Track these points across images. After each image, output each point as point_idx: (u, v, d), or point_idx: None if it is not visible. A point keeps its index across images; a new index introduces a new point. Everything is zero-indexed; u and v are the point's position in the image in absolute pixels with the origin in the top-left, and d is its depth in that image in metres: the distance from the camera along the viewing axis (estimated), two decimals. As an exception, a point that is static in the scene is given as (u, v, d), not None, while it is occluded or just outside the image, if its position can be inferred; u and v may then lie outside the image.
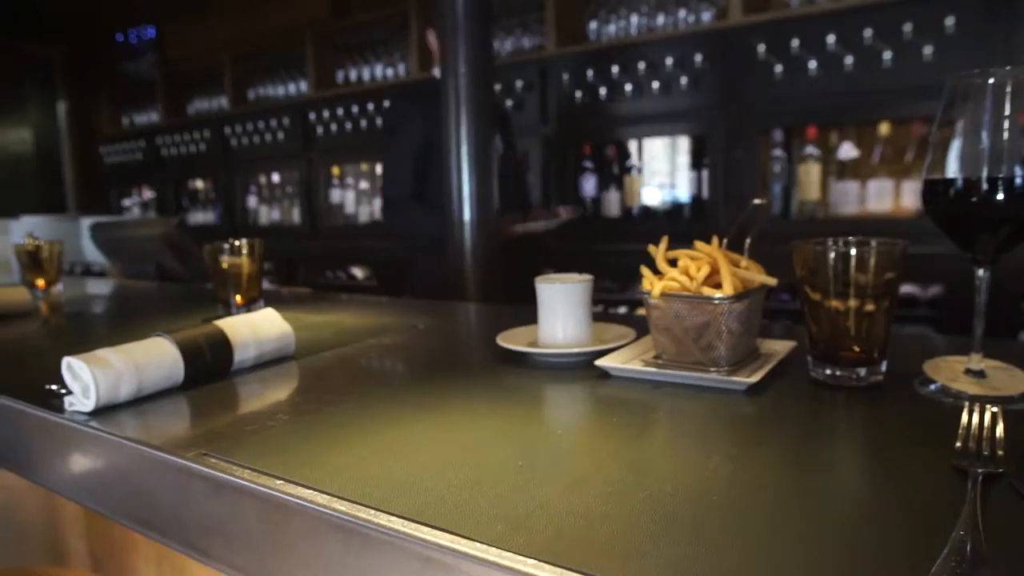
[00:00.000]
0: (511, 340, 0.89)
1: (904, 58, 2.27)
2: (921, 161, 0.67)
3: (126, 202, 5.34)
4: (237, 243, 1.25)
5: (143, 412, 0.73)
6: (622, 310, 2.75)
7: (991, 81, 0.64)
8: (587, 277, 0.87)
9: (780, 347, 0.82)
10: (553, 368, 0.84)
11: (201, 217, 4.78)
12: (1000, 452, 0.53)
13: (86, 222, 2.36)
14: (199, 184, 4.89)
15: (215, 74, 4.56)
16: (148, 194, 5.19)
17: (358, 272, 4.01)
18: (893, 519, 0.45)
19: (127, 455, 0.64)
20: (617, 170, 3.00)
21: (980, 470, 0.49)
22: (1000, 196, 0.63)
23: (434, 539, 0.43)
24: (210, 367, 0.83)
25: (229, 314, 1.16)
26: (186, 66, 4.81)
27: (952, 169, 0.66)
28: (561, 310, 0.86)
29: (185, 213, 4.84)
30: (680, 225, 2.86)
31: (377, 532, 0.46)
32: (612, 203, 2.99)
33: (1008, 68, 0.63)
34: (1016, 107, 0.63)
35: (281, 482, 0.53)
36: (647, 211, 3.04)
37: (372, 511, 0.47)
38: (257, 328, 0.90)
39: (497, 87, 3.14)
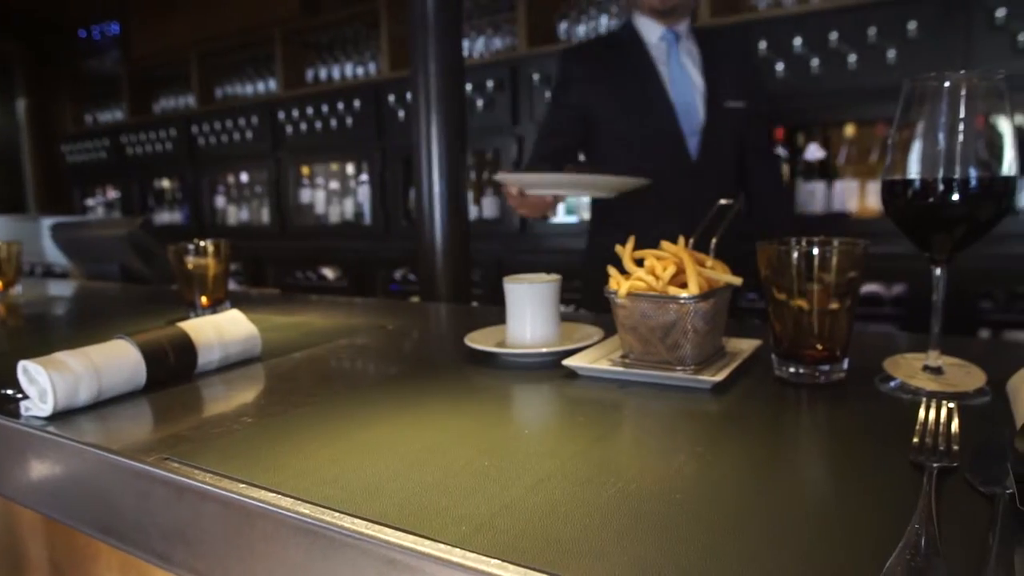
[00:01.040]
0: (479, 340, 0.89)
1: (869, 61, 2.31)
2: (883, 162, 0.68)
3: (90, 202, 5.23)
4: (202, 243, 1.23)
5: (103, 416, 0.71)
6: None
7: (946, 84, 0.65)
8: (555, 277, 0.87)
9: (746, 346, 0.83)
10: (521, 368, 0.84)
11: (168, 217, 4.70)
12: (955, 447, 0.54)
13: (47, 222, 2.31)
14: (165, 184, 4.80)
15: (182, 72, 4.49)
16: (112, 194, 5.09)
17: (328, 273, 3.98)
18: (852, 514, 0.45)
19: (86, 460, 0.63)
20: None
21: (935, 464, 0.50)
22: (955, 197, 0.65)
23: (398, 541, 0.43)
24: (173, 370, 0.81)
25: (195, 316, 1.14)
26: (151, 63, 4.73)
27: (911, 170, 0.67)
28: (529, 310, 0.86)
29: (151, 213, 4.76)
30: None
31: (341, 535, 0.46)
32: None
33: (962, 72, 0.65)
34: (971, 110, 0.65)
35: (244, 486, 0.52)
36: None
37: (336, 514, 0.47)
38: (222, 330, 0.89)
39: (468, 87, 3.14)
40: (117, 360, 0.76)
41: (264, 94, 4.13)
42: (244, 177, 4.33)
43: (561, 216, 3.26)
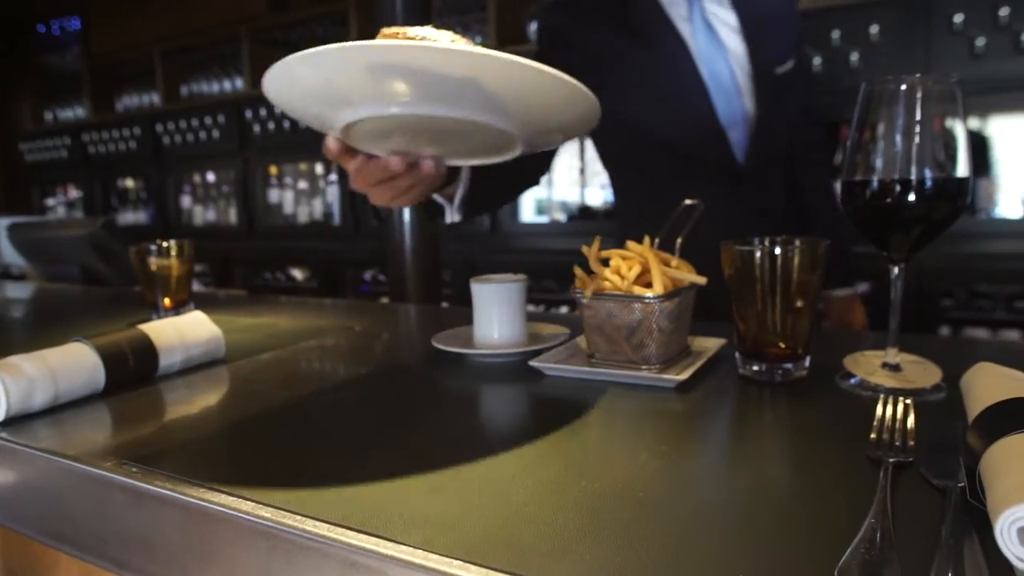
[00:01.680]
0: (446, 341, 0.89)
1: (833, 63, 2.36)
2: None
3: (50, 202, 5.12)
4: (165, 244, 1.21)
5: (59, 421, 0.70)
6: (563, 310, 2.78)
7: (903, 87, 0.67)
8: (521, 277, 0.88)
9: (711, 344, 0.84)
10: (488, 368, 0.84)
11: (132, 217, 4.61)
12: (911, 442, 0.55)
13: (3, 222, 2.25)
14: (129, 183, 4.71)
15: (146, 69, 4.41)
16: (74, 193, 4.98)
17: (297, 273, 3.94)
18: (812, 510, 0.46)
19: (40, 467, 0.61)
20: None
21: (891, 460, 0.51)
22: (911, 198, 0.66)
23: (360, 543, 0.43)
24: (133, 373, 0.80)
25: (157, 318, 1.12)
26: (114, 60, 4.63)
27: (869, 171, 0.69)
28: (495, 310, 0.86)
29: (114, 213, 4.66)
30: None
31: (303, 538, 0.45)
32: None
33: (917, 75, 0.66)
34: (926, 112, 0.66)
35: (204, 490, 0.51)
36: (588, 211, 3.07)
37: (298, 517, 0.46)
38: (184, 332, 0.87)
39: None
40: (74, 363, 0.74)
41: (231, 92, 4.07)
42: (211, 177, 4.27)
43: (531, 216, 3.27)
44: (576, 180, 3.18)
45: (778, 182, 1.29)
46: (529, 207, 3.27)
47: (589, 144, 3.03)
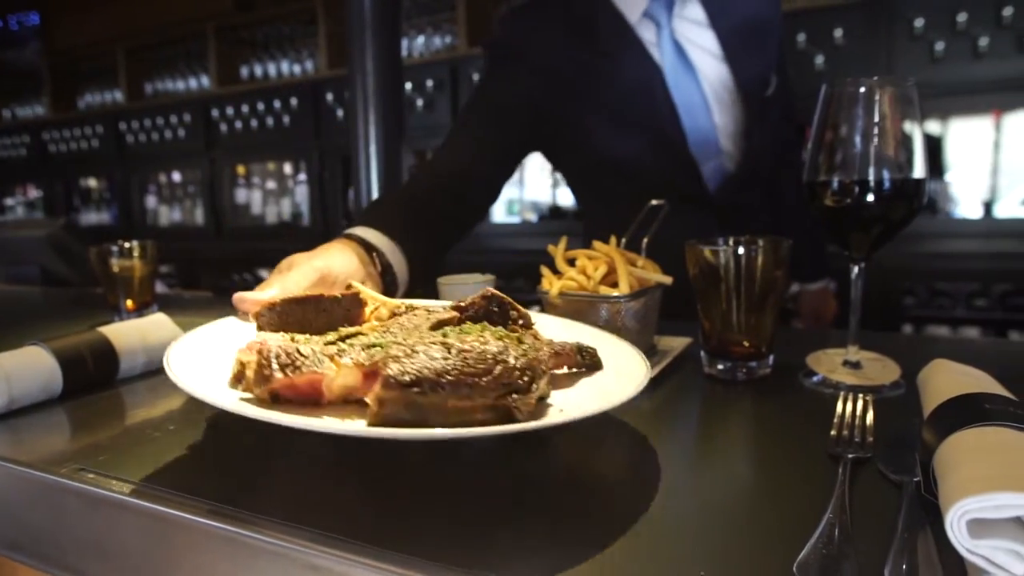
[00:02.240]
0: (415, 342, 0.88)
1: (799, 66, 2.39)
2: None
3: (9, 201, 4.99)
4: (127, 245, 1.18)
5: (15, 427, 0.68)
6: (535, 310, 2.78)
7: (862, 90, 0.68)
8: (489, 277, 0.87)
9: (677, 343, 0.85)
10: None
11: (95, 218, 4.51)
12: (870, 438, 0.56)
13: (-40, 223, 2.19)
14: (92, 183, 4.61)
15: (108, 66, 4.32)
16: (34, 193, 4.86)
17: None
18: (773, 507, 0.47)
19: (-6, 474, 0.59)
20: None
21: (851, 456, 0.52)
22: (871, 198, 0.67)
23: (321, 547, 0.42)
24: (92, 377, 0.78)
25: (119, 320, 1.10)
26: (75, 56, 4.53)
27: (831, 172, 0.70)
28: (464, 311, 0.85)
29: (76, 213, 4.56)
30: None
31: (263, 543, 0.44)
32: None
33: (875, 78, 0.67)
34: (884, 115, 0.68)
35: (163, 496, 0.50)
36: (559, 211, 3.08)
37: (259, 521, 0.46)
38: (146, 334, 0.85)
39: (408, 86, 3.12)
40: (30, 367, 0.72)
41: (197, 91, 4.01)
42: (176, 176, 4.20)
43: (502, 216, 3.27)
44: (547, 180, 3.19)
45: (754, 206, 1.23)
46: (500, 207, 3.27)
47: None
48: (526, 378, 0.47)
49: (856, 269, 0.74)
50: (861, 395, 0.65)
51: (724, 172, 1.17)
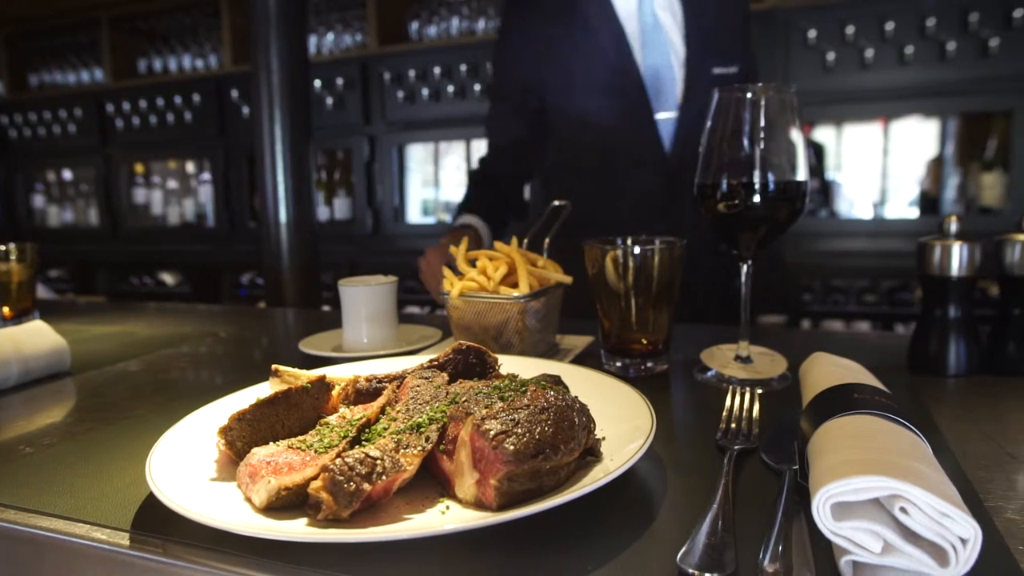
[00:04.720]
0: (315, 345, 0.86)
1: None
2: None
3: None
4: (4, 247, 1.10)
5: None
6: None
7: (749, 96, 0.71)
8: (391, 278, 0.86)
9: (579, 342, 0.86)
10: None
11: (-26, 218, 4.18)
12: (756, 430, 0.58)
13: None
14: (-29, 181, 4.27)
15: (-12, 55, 4.01)
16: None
17: (168, 278, 3.71)
18: (662, 500, 0.48)
19: None
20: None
21: (737, 447, 0.54)
22: (756, 199, 0.71)
23: (206, 561, 0.41)
24: (-42, 390, 0.72)
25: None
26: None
27: (720, 174, 0.72)
28: (364, 313, 0.84)
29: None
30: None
31: (143, 560, 0.42)
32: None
33: (760, 84, 0.70)
34: (770, 120, 0.71)
35: (30, 515, 0.47)
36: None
37: (139, 538, 0.43)
38: (21, 343, 0.80)
39: (316, 83, 3.04)
40: None
41: (89, 84, 3.78)
42: (67, 174, 3.95)
43: (417, 217, 3.24)
44: (463, 180, 3.18)
45: None
46: (415, 208, 3.24)
47: (475, 145, 3.04)
48: (585, 417, 0.49)
49: (744, 267, 0.77)
50: (749, 388, 0.67)
51: (679, 129, 1.26)
